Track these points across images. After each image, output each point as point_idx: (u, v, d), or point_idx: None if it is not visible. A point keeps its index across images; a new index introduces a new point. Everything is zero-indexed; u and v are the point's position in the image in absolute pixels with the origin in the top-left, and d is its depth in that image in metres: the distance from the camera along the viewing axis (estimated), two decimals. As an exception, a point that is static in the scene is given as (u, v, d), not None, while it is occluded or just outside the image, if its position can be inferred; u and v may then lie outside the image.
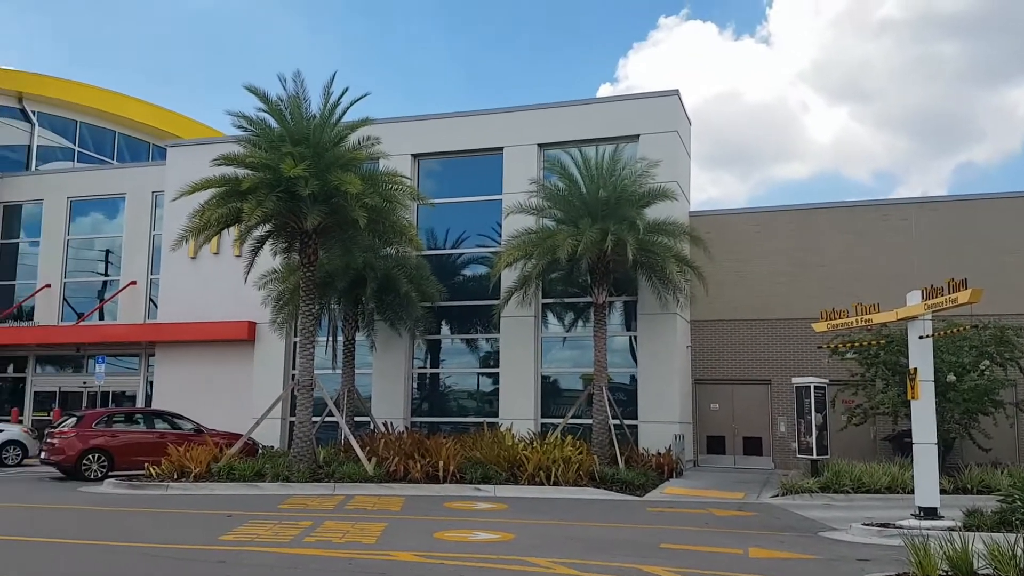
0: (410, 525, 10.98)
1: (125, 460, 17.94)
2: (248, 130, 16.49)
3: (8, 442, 21.78)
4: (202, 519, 11.69)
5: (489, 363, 21.46)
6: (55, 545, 9.36)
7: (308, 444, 16.63)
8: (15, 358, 26.56)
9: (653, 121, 20.18)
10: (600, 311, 18.00)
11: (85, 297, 26.34)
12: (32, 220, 27.15)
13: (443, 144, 21.99)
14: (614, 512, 12.69)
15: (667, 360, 19.48)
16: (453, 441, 16.54)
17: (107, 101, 31.43)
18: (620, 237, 16.45)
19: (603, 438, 17.43)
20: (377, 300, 19.44)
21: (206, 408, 21.36)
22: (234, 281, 21.27)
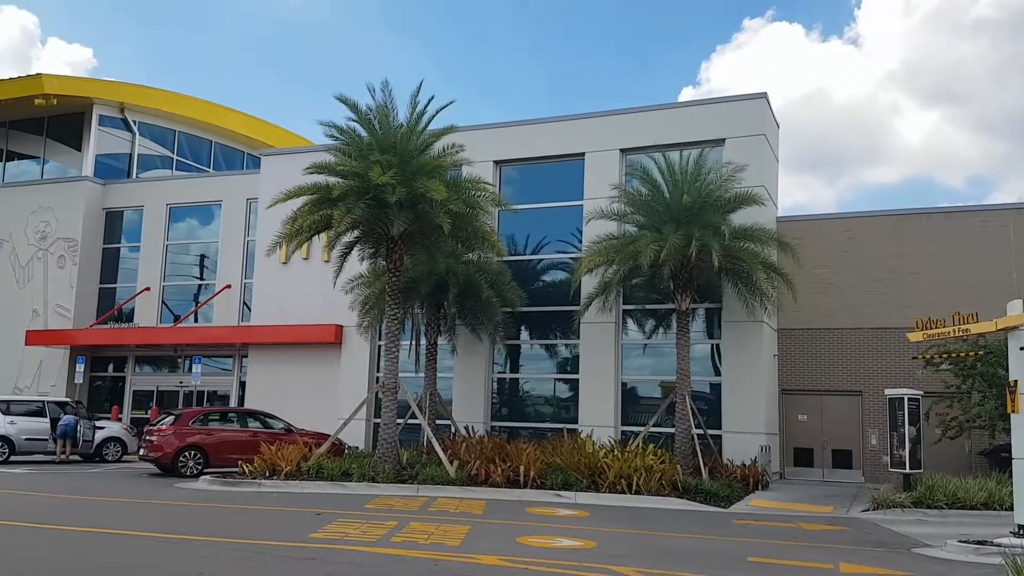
0: (493, 529, 11.07)
1: (219, 457, 18.65)
2: (338, 139, 16.97)
3: (109, 439, 22.92)
4: (293, 516, 12.05)
5: (567, 369, 21.46)
6: (158, 540, 9.80)
7: (392, 446, 16.95)
8: (116, 358, 27.89)
9: (740, 125, 19.87)
10: (683, 318, 17.79)
11: (182, 300, 27.51)
12: (132, 226, 28.50)
13: (525, 150, 22.14)
14: (698, 523, 12.51)
15: (753, 369, 19.10)
16: (533, 446, 16.60)
17: (204, 111, 32.78)
18: (705, 243, 16.24)
19: (686, 447, 17.20)
20: (459, 305, 19.68)
21: (294, 408, 22.02)
22: (322, 285, 21.94)
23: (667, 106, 21.60)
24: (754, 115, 19.98)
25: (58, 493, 14.54)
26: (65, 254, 27.85)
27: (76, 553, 8.77)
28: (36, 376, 27.39)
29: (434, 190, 15.69)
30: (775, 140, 21.39)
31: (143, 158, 30.99)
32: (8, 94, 28.66)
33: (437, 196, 15.68)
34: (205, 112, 32.70)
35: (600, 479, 15.10)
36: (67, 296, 27.57)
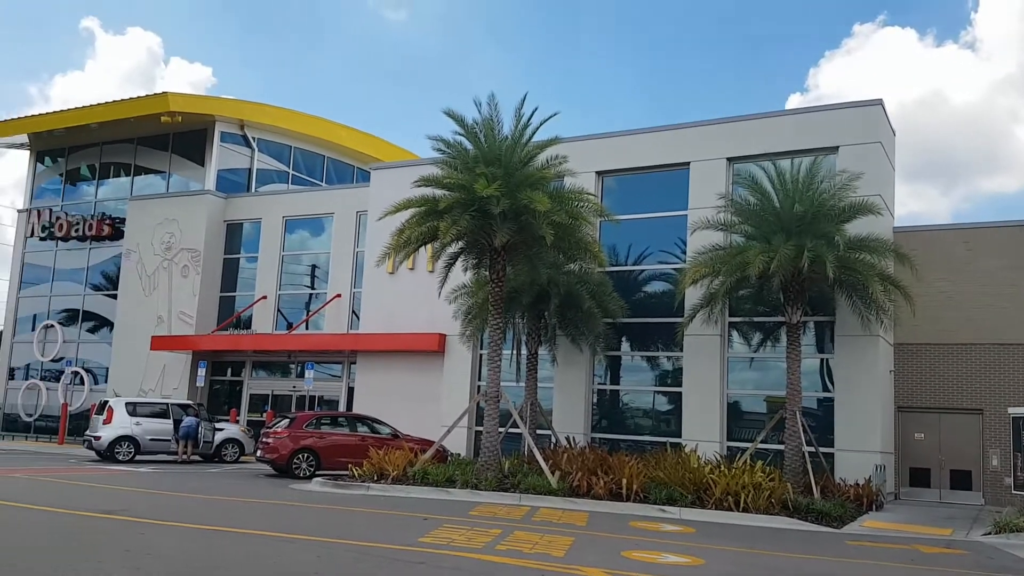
0: (596, 541, 11.05)
1: (330, 460, 19.30)
2: (445, 152, 17.37)
3: (227, 440, 24.04)
4: (401, 520, 12.36)
5: (669, 382, 21.18)
6: (276, 539, 10.24)
7: (495, 454, 17.15)
8: (234, 363, 29.26)
9: (854, 132, 19.22)
10: (794, 331, 17.29)
11: (295, 308, 28.64)
12: (251, 237, 29.89)
13: (627, 160, 22.04)
14: (809, 543, 12.13)
15: (868, 385, 18.39)
16: (636, 459, 16.46)
17: (318, 127, 34.12)
18: (818, 254, 15.76)
19: (796, 465, 16.70)
20: (560, 315, 19.75)
21: (398, 413, 22.55)
22: (427, 295, 22.44)
23: (777, 113, 21.11)
24: (869, 122, 19.29)
25: (181, 492, 15.37)
26: (189, 264, 29.45)
27: (200, 550, 9.27)
28: (160, 379, 29.02)
29: (537, 201, 15.84)
30: (891, 148, 20.58)
31: (261, 172, 32.50)
32: (137, 112, 30.57)
33: (540, 207, 15.83)
34: (318, 128, 34.05)
35: (706, 495, 14.82)
36: (190, 304, 29.12)
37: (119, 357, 30.11)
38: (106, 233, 32.54)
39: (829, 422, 18.83)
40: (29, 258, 34.87)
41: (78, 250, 33.35)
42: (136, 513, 11.82)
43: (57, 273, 33.89)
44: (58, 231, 33.42)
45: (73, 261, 33.48)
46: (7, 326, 35.08)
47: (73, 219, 33.33)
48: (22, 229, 35.11)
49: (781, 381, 18.36)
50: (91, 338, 32.57)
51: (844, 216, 17.02)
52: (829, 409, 18.99)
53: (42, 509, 11.94)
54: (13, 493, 13.87)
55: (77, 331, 32.90)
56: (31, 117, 34.48)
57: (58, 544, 9.15)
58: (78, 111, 32.56)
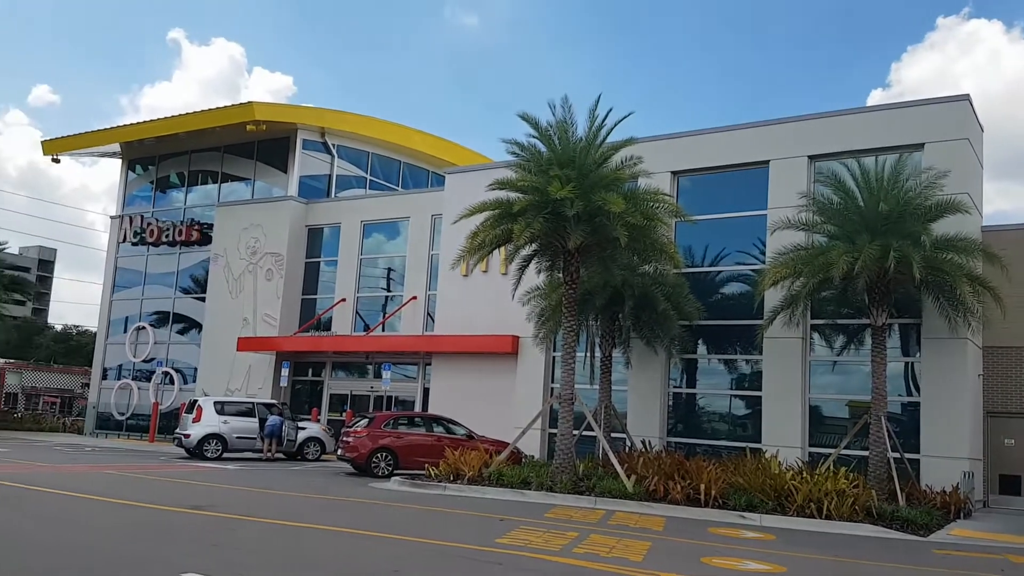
0: (675, 547, 10.97)
1: (408, 460, 19.65)
2: (519, 155, 17.47)
3: (309, 439, 24.68)
4: (477, 521, 12.50)
5: (747, 385, 20.81)
6: (357, 536, 10.51)
7: (569, 456, 17.16)
8: (314, 363, 30.03)
9: (940, 129, 18.55)
10: (879, 334, 16.79)
11: (373, 310, 29.24)
12: (330, 241, 30.65)
13: (703, 160, 21.75)
14: (894, 552, 11.77)
15: (955, 389, 17.72)
16: (714, 464, 16.23)
17: (395, 133, 34.80)
18: (904, 254, 15.26)
19: (881, 472, 16.21)
20: (634, 317, 19.62)
21: (472, 414, 22.76)
22: (499, 297, 22.61)
23: (860, 110, 20.53)
24: (956, 118, 18.59)
25: (267, 489, 15.88)
26: (272, 268, 30.38)
27: (286, 545, 9.57)
28: (246, 379, 29.99)
29: (611, 203, 15.79)
30: (979, 144, 19.78)
31: (340, 178, 33.33)
32: (223, 121, 31.73)
33: (614, 209, 15.78)
34: (395, 134, 34.71)
35: (787, 502, 14.51)
36: (274, 306, 30.03)
37: (207, 358, 31.26)
38: (194, 238, 33.84)
39: (915, 427, 18.22)
40: (122, 263, 36.50)
41: (168, 255, 34.76)
42: (224, 509, 12.27)
43: (148, 277, 35.39)
44: (149, 237, 34.90)
45: (163, 265, 34.91)
46: (101, 328, 36.79)
47: (163, 225, 34.76)
48: (115, 235, 36.78)
49: (864, 385, 17.84)
50: (180, 339, 33.90)
51: (931, 215, 16.45)
52: (915, 414, 18.37)
53: (134, 504, 12.51)
54: (106, 489, 14.57)
55: (167, 333, 34.29)
56: (123, 127, 36.13)
57: (150, 538, 9.58)
58: (167, 121, 33.95)
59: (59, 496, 13.11)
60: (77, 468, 18.81)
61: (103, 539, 9.26)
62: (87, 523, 10.44)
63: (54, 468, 18.41)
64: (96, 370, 36.43)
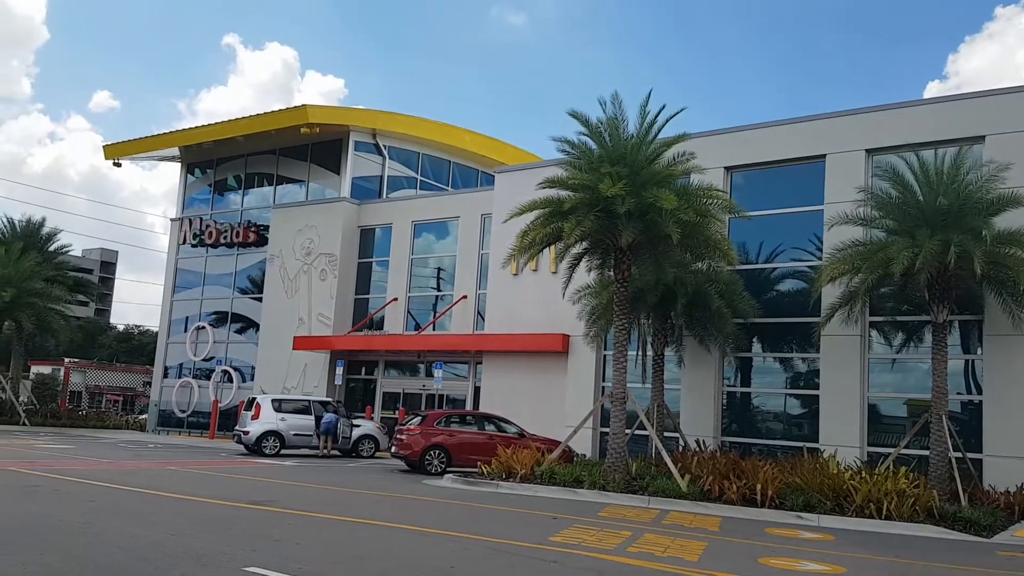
0: (731, 547, 10.86)
1: (460, 457, 19.79)
2: (569, 153, 17.44)
3: (364, 436, 25.02)
4: (531, 519, 12.55)
5: (804, 384, 20.47)
6: (413, 532, 10.64)
7: (622, 455, 17.09)
8: (367, 362, 30.43)
9: (1003, 120, 18.01)
10: (940, 331, 16.37)
11: (424, 309, 29.53)
12: (381, 242, 31.03)
13: (757, 155, 21.47)
14: (956, 553, 11.49)
15: (1020, 387, 17.16)
16: (770, 464, 16.01)
17: (444, 134, 35.08)
18: (965, 249, 14.86)
19: (942, 472, 15.81)
20: (687, 316, 19.44)
21: (522, 412, 22.83)
22: (549, 296, 22.62)
23: (919, 102, 20.04)
24: (1019, 109, 18.00)
25: (324, 485, 16.16)
26: (326, 268, 30.87)
27: (344, 540, 9.75)
28: (301, 377, 30.54)
29: (664, 199, 15.68)
30: (1045, 134, 19.11)
31: (391, 179, 33.73)
32: (278, 124, 32.35)
33: (667, 205, 15.65)
34: (445, 134, 34.99)
35: (846, 502, 14.24)
36: (328, 306, 30.52)
37: (264, 356, 31.91)
38: (251, 240, 34.60)
39: (977, 426, 17.73)
40: (181, 264, 37.47)
41: (226, 256, 35.58)
42: (284, 504, 12.53)
43: (207, 278, 36.29)
44: (208, 238, 35.77)
45: (222, 266, 35.75)
46: (162, 328, 37.84)
47: (221, 227, 35.58)
48: (175, 237, 37.78)
49: (924, 383, 17.43)
50: (238, 338, 34.68)
51: (992, 209, 15.97)
52: (976, 413, 17.87)
53: (196, 500, 12.85)
54: (170, 484, 14.99)
55: (226, 332, 35.11)
56: (181, 131, 37.11)
57: (212, 532, 9.84)
58: (224, 124, 34.74)
59: (124, 491, 13.53)
60: (141, 464, 19.38)
61: (167, 533, 9.54)
62: (151, 518, 10.77)
63: (118, 465, 18.98)
64: (158, 369, 37.47)
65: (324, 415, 24.02)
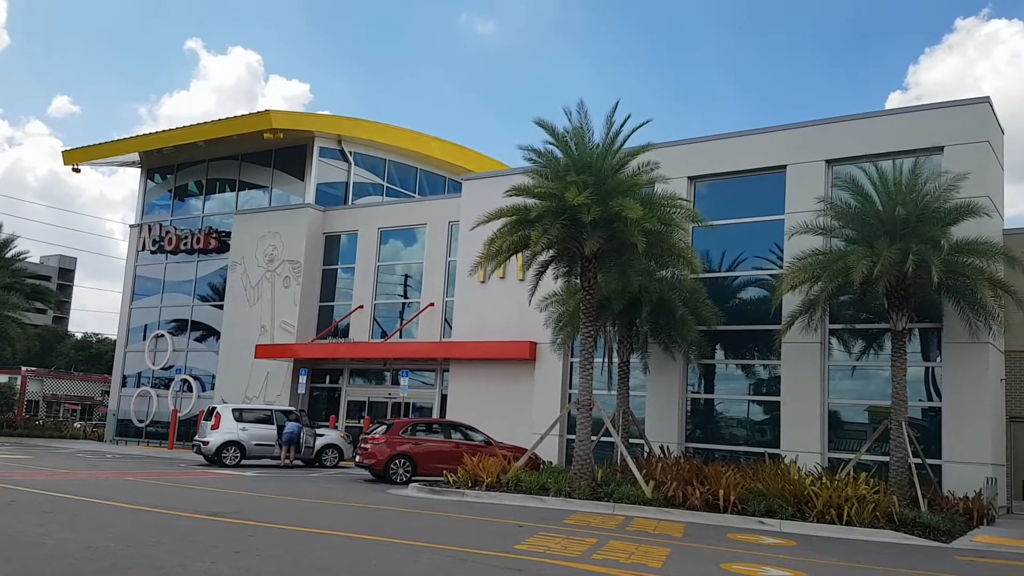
0: (694, 553, 10.92)
1: (426, 466, 19.68)
2: (536, 161, 17.50)
3: (328, 445, 24.77)
4: (496, 527, 12.50)
5: (766, 391, 20.71)
6: (377, 543, 10.54)
7: (588, 462, 17.13)
8: (332, 370, 30.16)
9: (959, 131, 18.43)
10: (899, 339, 16.67)
11: (390, 317, 29.37)
12: (347, 249, 30.81)
13: (720, 165, 21.72)
14: (916, 558, 11.66)
15: (977, 394, 17.55)
16: (733, 470, 16.15)
17: (411, 140, 34.98)
18: (923, 258, 15.17)
19: (902, 477, 16.08)
20: (652, 323, 19.59)
21: (490, 420, 22.79)
22: (517, 303, 22.65)
23: (878, 113, 20.42)
24: (976, 121, 18.46)
25: (286, 495, 15.95)
26: (290, 275, 30.57)
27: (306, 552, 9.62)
28: (263, 386, 30.18)
29: (629, 209, 15.79)
30: (1000, 147, 19.62)
31: (357, 186, 33.52)
32: (241, 129, 32.00)
33: (632, 215, 15.77)
34: (412, 141, 34.89)
35: (807, 508, 14.41)
36: (291, 313, 30.21)
37: (225, 365, 31.47)
38: (213, 246, 34.12)
39: (936, 433, 18.07)
40: (140, 271, 36.86)
41: (186, 263, 35.06)
42: (244, 515, 12.34)
43: (167, 285, 35.74)
44: (168, 245, 35.22)
45: (182, 273, 35.23)
46: (120, 336, 37.15)
47: (182, 233, 35.06)
48: (134, 243, 37.16)
49: (884, 390, 17.73)
50: (199, 347, 34.18)
51: (950, 218, 16.34)
52: (936, 419, 18.22)
53: (155, 511, 12.60)
54: (128, 495, 14.69)
55: (186, 340, 34.58)
56: (141, 136, 36.58)
57: (170, 545, 9.65)
58: (186, 130, 34.28)
59: (81, 502, 13.23)
60: (98, 475, 18.98)
61: (125, 545, 9.33)
62: (109, 529, 10.53)
63: (75, 475, 18.57)
64: (116, 377, 36.78)
65: (286, 424, 23.73)
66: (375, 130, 33.62)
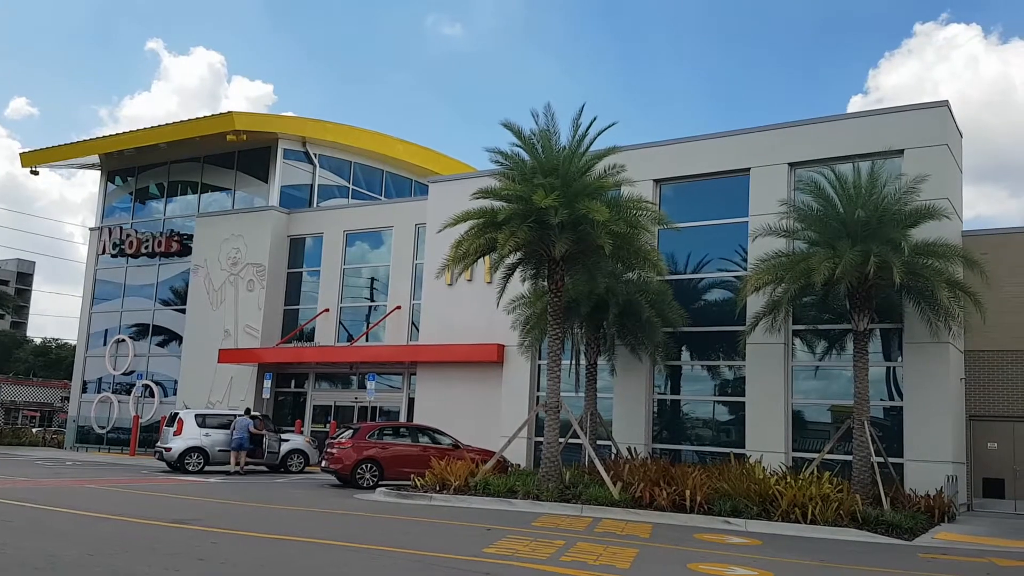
0: (662, 553, 10.98)
1: (393, 470, 19.54)
2: (503, 164, 17.51)
3: (293, 451, 24.45)
4: (465, 531, 12.45)
5: (731, 391, 20.90)
6: (343, 548, 10.44)
7: (556, 465, 17.15)
8: (297, 375, 29.84)
9: (919, 135, 18.77)
10: (861, 339, 16.92)
11: (356, 320, 29.12)
12: (312, 251, 30.51)
13: (686, 168, 21.88)
14: (879, 556, 11.84)
15: (937, 394, 17.87)
16: (699, 470, 16.28)
17: (377, 143, 34.74)
18: (884, 259, 15.42)
19: (865, 476, 16.32)
20: (619, 325, 19.67)
21: (458, 423, 22.67)
22: (484, 306, 22.59)
23: (839, 117, 20.71)
24: (935, 124, 18.82)
25: (250, 502, 15.74)
26: (254, 278, 30.19)
27: (272, 558, 9.50)
28: (227, 391, 29.75)
29: (596, 211, 15.85)
30: (958, 150, 20.03)
31: (322, 188, 33.22)
32: (203, 131, 31.55)
33: (599, 217, 15.83)
34: (378, 143, 34.66)
35: (772, 507, 14.57)
36: (255, 317, 29.83)
37: (188, 370, 30.98)
38: (175, 249, 33.57)
39: (898, 432, 18.37)
40: (101, 275, 36.16)
41: (148, 266, 34.46)
42: (208, 523, 12.16)
43: (128, 289, 35.08)
44: (128, 248, 34.59)
45: (143, 277, 34.62)
46: (80, 341, 36.39)
47: (143, 236, 34.47)
48: (94, 247, 36.45)
49: (847, 390, 17.98)
50: (160, 352, 33.60)
51: (910, 221, 16.63)
52: (898, 419, 18.52)
53: (118, 518, 12.37)
54: (89, 503, 14.39)
55: (147, 345, 33.98)
56: (101, 138, 35.88)
57: (133, 553, 9.47)
58: (147, 131, 33.71)
59: (41, 510, 12.93)
60: (59, 482, 18.57)
61: (86, 553, 9.13)
62: (70, 537, 10.31)
63: (35, 483, 18.16)
64: (76, 383, 36.03)
65: (236, 424, 22.81)
66: (340, 132, 33.34)
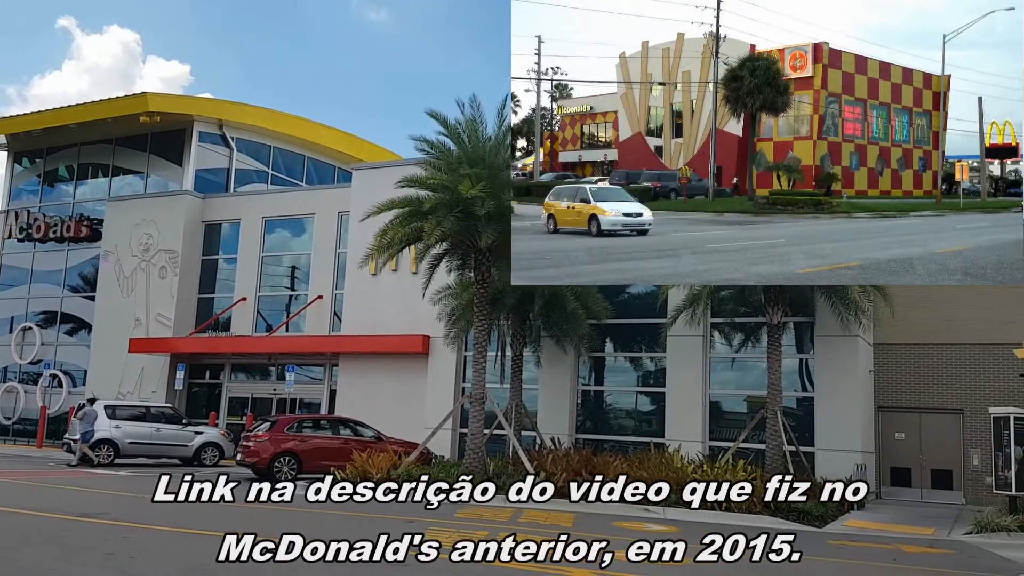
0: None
1: (312, 464, 19.18)
2: (429, 153, 17.34)
3: (207, 444, 23.76)
4: (385, 524, 12.26)
5: (653, 382, 21.27)
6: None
7: (480, 456, 17.13)
8: (212, 366, 29.01)
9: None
10: (775, 332, 17.44)
11: (276, 310, 28.46)
12: (230, 238, 29.66)
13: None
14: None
15: (847, 385, 18.57)
16: (620, 460, 16.52)
17: (299, 127, 33.96)
18: (797, 256, 15.91)
19: (777, 465, 16.83)
20: (544, 316, 19.76)
21: (382, 416, 22.43)
22: (410, 297, 22.38)
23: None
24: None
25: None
26: (167, 265, 29.17)
27: (184, 552, 9.19)
28: (138, 382, 28.71)
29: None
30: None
31: (240, 173, 32.30)
32: (115, 112, 30.31)
33: (525, 209, 15.85)
34: (299, 128, 33.88)
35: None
36: (168, 306, 28.84)
37: (97, 359, 29.77)
38: (84, 234, 32.16)
39: (810, 422, 19.01)
40: (6, 260, 34.40)
41: (56, 251, 32.93)
42: (118, 516, 11.69)
43: (35, 275, 33.46)
44: (36, 232, 32.97)
45: (51, 263, 33.07)
46: (-17, 328, 34.57)
47: (51, 220, 32.91)
48: (0, 231, 34.65)
49: (762, 381, 18.50)
50: (69, 340, 32.18)
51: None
52: (809, 409, 19.16)
53: (23, 512, 11.79)
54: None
55: (55, 333, 32.51)
56: (8, 118, 34.13)
57: (39, 548, 9.03)
58: (56, 112, 32.23)
59: (-68, 509, 12.21)
60: (-47, 478, 17.58)
61: (-18, 553, 8.66)
62: (-36, 536, 9.74)
63: (-74, 479, 17.15)
64: (-23, 373, 34.19)
65: (85, 414, 21.60)
66: (259, 115, 32.46)
